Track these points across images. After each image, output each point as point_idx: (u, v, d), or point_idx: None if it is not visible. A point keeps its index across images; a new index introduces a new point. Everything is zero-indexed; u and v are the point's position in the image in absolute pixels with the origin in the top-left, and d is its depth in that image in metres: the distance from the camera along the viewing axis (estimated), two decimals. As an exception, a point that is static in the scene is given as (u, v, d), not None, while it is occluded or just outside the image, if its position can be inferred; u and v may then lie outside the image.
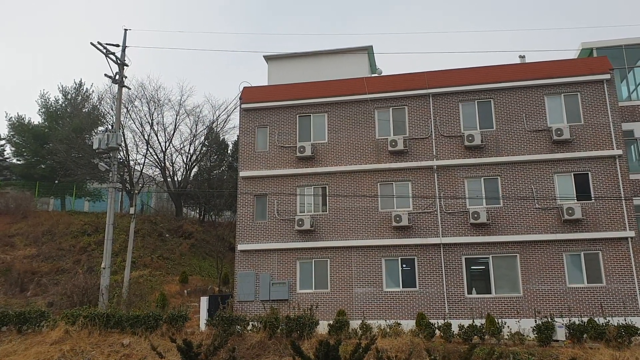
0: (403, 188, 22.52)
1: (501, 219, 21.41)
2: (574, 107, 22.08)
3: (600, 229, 20.65)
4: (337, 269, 22.14)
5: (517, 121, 22.23)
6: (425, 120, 22.93)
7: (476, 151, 22.20)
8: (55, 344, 16.96)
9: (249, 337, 17.37)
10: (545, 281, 20.54)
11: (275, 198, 23.28)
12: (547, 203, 21.24)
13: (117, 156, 24.13)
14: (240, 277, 22.60)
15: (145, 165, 37.46)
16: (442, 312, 20.58)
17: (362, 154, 23.10)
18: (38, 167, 38.01)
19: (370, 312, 21.05)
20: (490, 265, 21.16)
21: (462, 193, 21.97)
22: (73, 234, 30.90)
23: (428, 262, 21.52)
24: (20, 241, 30.03)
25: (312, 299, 21.37)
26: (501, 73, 22.86)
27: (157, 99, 36.88)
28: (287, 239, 22.74)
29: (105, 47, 23.41)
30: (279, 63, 26.99)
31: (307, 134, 23.87)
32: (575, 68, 22.42)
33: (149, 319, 17.79)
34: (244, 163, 23.97)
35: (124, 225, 30.74)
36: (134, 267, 26.67)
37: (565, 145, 21.60)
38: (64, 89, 40.27)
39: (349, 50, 26.36)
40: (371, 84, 23.77)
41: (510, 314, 19.96)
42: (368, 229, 22.28)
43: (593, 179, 21.24)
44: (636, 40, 24.22)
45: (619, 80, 24.15)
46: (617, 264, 20.29)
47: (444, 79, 23.14)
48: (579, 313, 19.35)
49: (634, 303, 19.76)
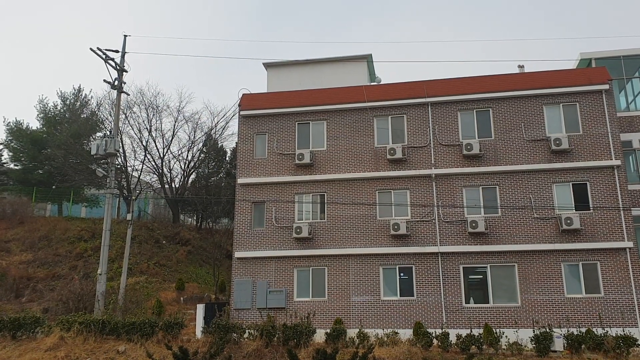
0: (401, 196, 22.49)
1: (499, 229, 21.37)
2: (572, 117, 22.11)
3: (598, 240, 20.62)
4: (334, 277, 22.06)
5: (515, 131, 22.25)
6: (424, 128, 22.95)
7: (475, 160, 22.19)
8: (50, 350, 16.80)
9: (245, 345, 17.24)
10: (544, 291, 20.48)
11: (273, 205, 23.23)
12: (546, 213, 21.22)
13: (115, 162, 24.05)
14: (237, 285, 22.50)
15: (143, 172, 37.39)
16: (439, 322, 20.48)
17: (361, 162, 23.08)
18: (35, 173, 37.93)
19: (368, 321, 20.94)
20: (488, 274, 21.10)
21: (460, 202, 21.95)
22: (70, 239, 30.76)
23: (426, 271, 21.45)
24: (16, 247, 29.87)
25: (310, 307, 21.26)
26: (500, 82, 22.90)
27: (156, 105, 36.86)
28: (285, 246, 22.67)
29: (104, 52, 23.41)
30: (278, 70, 27.03)
31: (305, 141, 23.85)
32: (574, 78, 22.48)
33: (145, 325, 17.67)
34: (242, 170, 23.92)
35: (121, 231, 30.64)
36: (131, 273, 26.54)
37: (564, 155, 21.62)
38: (63, 95, 40.31)
39: (349, 59, 26.42)
40: (370, 92, 23.80)
41: (508, 323, 19.88)
42: (366, 237, 22.22)
43: (591, 189, 21.24)
44: (635, 51, 24.30)
45: (618, 91, 24.22)
46: (615, 275, 20.25)
47: (442, 88, 23.18)
48: (577, 323, 19.27)
49: (632, 314, 19.71)
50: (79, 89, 40.98)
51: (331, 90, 24.28)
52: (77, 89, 40.91)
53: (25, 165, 38.44)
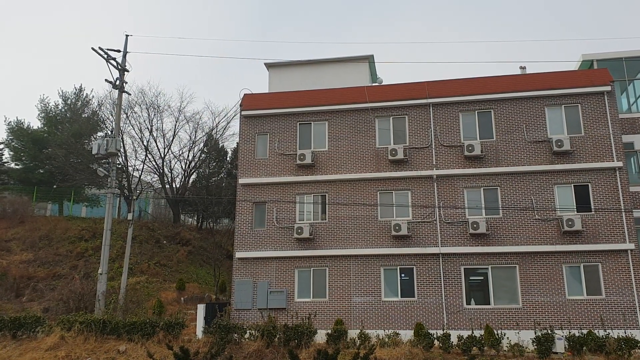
0: (403, 197, 22.47)
1: (501, 230, 21.34)
2: (574, 118, 22.08)
3: (600, 241, 20.59)
4: (335, 277, 22.03)
5: (517, 132, 22.22)
6: (426, 129, 22.92)
7: (476, 161, 22.17)
8: (51, 350, 16.79)
9: (246, 346, 17.23)
10: (545, 293, 20.44)
11: (275, 206, 23.20)
12: (547, 214, 21.19)
13: (116, 162, 24.04)
14: (237, 285, 22.47)
15: (144, 172, 37.35)
16: (440, 323, 20.46)
17: (362, 162, 23.06)
18: (36, 172, 37.90)
19: (369, 322, 20.91)
20: (490, 275, 21.07)
21: (461, 203, 21.92)
22: (70, 239, 30.74)
23: (427, 271, 21.42)
24: (17, 246, 29.85)
25: (310, 308, 21.23)
26: (502, 84, 22.88)
27: (157, 105, 36.87)
28: (286, 247, 22.64)
29: (106, 52, 23.41)
30: (280, 70, 27.01)
31: (307, 141, 23.83)
32: (576, 80, 22.45)
33: (145, 325, 17.66)
34: (243, 170, 23.90)
35: (122, 231, 30.62)
36: (131, 273, 26.52)
37: (566, 157, 21.59)
38: (64, 94, 40.21)
39: (350, 59, 26.40)
40: (372, 92, 23.77)
41: (510, 325, 19.85)
42: (367, 238, 22.19)
43: (593, 191, 21.21)
44: (636, 52, 24.29)
45: (620, 92, 24.20)
46: (616, 277, 20.21)
47: (444, 89, 23.16)
48: (579, 325, 19.26)
49: (634, 316, 19.67)
50: (80, 88, 40.94)
51: (333, 90, 24.26)
52: (79, 89, 40.86)
53: (26, 165, 38.40)
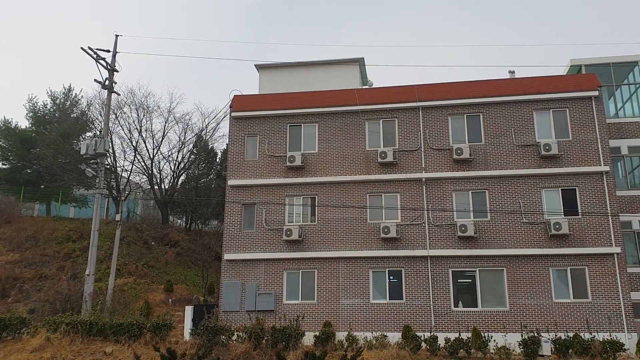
0: (392, 200, 22.52)
1: (488, 233, 21.45)
2: (562, 122, 22.26)
3: (586, 245, 20.76)
4: (324, 280, 22.02)
5: (505, 136, 22.36)
6: (415, 132, 23.01)
7: (465, 165, 22.28)
8: (36, 351, 16.60)
9: (233, 348, 17.17)
10: (532, 296, 20.56)
11: (264, 207, 23.16)
12: (535, 218, 21.33)
13: (105, 162, 23.89)
14: (226, 287, 22.39)
15: (133, 172, 37.16)
16: (428, 325, 20.51)
17: (352, 164, 23.09)
18: (24, 172, 37.56)
19: (357, 324, 20.93)
20: (477, 278, 21.16)
21: (450, 206, 22.01)
22: (57, 240, 30.50)
23: (415, 274, 21.48)
24: (3, 246, 29.57)
25: (299, 310, 21.20)
26: (490, 88, 23.01)
27: (147, 105, 36.71)
28: (275, 249, 22.61)
29: (95, 52, 23.30)
30: (271, 72, 27.00)
31: (297, 143, 23.81)
32: (564, 84, 22.64)
33: (132, 327, 17.53)
34: (232, 171, 23.84)
35: (110, 232, 30.42)
36: (119, 274, 26.36)
37: (553, 161, 21.75)
38: (53, 94, 39.90)
39: (341, 62, 26.44)
40: (362, 95, 23.82)
41: (497, 328, 19.94)
42: (356, 240, 22.21)
43: (580, 195, 21.38)
44: (624, 58, 24.59)
45: (607, 98, 24.45)
46: (603, 280, 20.38)
47: (433, 93, 23.26)
48: (565, 328, 19.40)
49: (619, 319, 19.83)
50: (69, 88, 40.62)
51: (323, 93, 24.28)
52: (67, 89, 40.56)
53: (14, 165, 38.04)
